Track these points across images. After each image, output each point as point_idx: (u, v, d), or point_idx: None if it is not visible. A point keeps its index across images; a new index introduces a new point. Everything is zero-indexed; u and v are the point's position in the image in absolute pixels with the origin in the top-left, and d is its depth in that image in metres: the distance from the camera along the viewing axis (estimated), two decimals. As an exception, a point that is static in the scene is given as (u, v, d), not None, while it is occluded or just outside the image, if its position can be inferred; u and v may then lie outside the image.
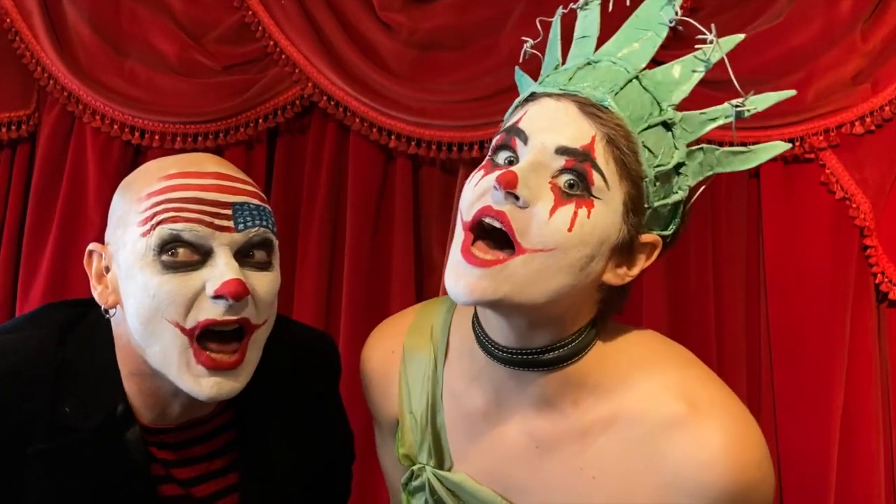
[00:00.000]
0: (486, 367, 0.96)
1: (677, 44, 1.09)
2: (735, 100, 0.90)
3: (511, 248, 0.85)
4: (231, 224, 0.94)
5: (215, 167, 0.97)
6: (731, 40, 0.91)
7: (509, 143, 0.89)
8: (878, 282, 1.91)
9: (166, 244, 0.91)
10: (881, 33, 1.87)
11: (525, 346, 0.91)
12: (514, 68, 1.03)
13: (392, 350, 1.08)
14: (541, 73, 0.98)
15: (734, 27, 0.90)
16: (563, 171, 0.85)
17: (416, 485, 1.04)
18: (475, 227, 0.87)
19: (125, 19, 2.02)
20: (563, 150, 0.85)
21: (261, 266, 0.97)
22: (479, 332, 0.96)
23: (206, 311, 0.92)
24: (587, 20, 0.98)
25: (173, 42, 2.00)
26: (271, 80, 2.00)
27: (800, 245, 1.92)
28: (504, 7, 1.96)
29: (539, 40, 1.01)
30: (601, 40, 0.95)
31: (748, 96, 0.89)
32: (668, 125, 0.88)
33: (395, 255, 2.00)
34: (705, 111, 0.90)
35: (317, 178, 2.02)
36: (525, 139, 0.87)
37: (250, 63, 2.03)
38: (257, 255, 0.97)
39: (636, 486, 0.90)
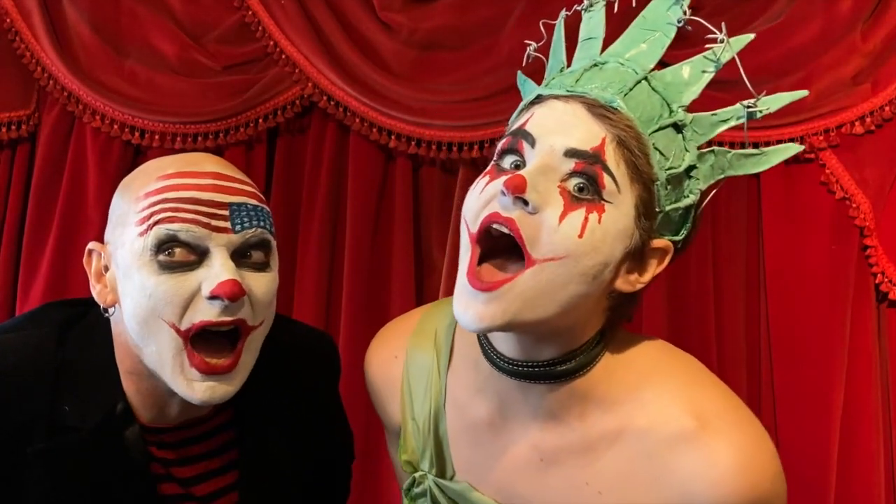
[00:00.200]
0: (491, 377, 0.94)
1: (681, 44, 1.08)
2: (747, 101, 0.87)
3: (520, 259, 0.82)
4: (228, 225, 0.93)
5: (213, 167, 0.96)
6: (741, 40, 0.88)
7: (516, 147, 0.86)
8: (878, 282, 1.91)
9: (163, 244, 0.91)
10: (881, 33, 1.87)
11: (532, 358, 0.89)
12: (517, 72, 1.00)
13: (395, 354, 1.06)
14: (545, 76, 0.96)
15: (734, 27, 0.88)
16: (572, 174, 0.82)
17: (417, 492, 1.03)
18: (482, 237, 0.84)
19: (125, 19, 2.02)
20: (572, 153, 0.82)
21: (258, 267, 0.96)
22: (484, 344, 0.93)
23: (202, 312, 0.91)
24: (592, 22, 0.95)
25: (173, 42, 2.00)
26: (271, 80, 2.00)
27: (800, 245, 1.91)
28: (504, 7, 1.96)
29: (542, 43, 0.98)
30: (606, 43, 0.93)
31: (760, 97, 0.86)
32: (678, 127, 0.86)
33: (395, 255, 2.00)
34: (716, 112, 0.87)
35: (317, 178, 2.02)
36: (532, 142, 0.84)
37: (250, 63, 2.03)
38: (255, 256, 0.96)
39: (642, 502, 0.87)
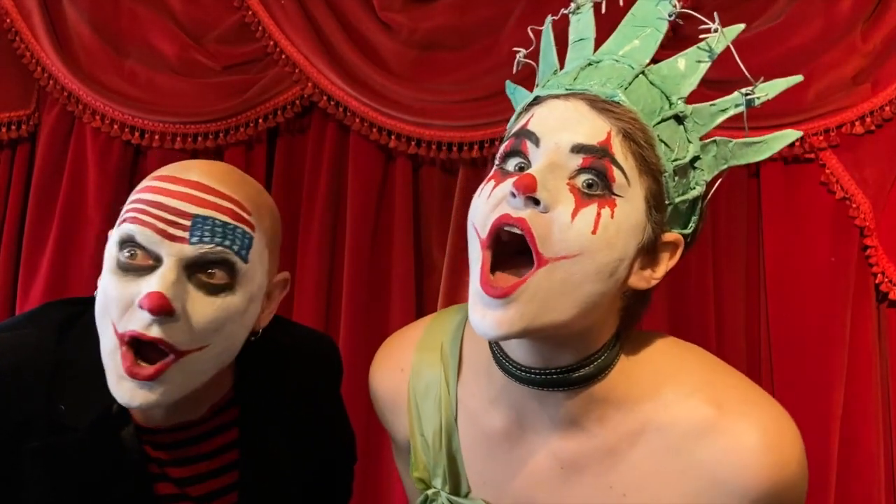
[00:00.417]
0: (506, 386, 0.91)
1: (676, 43, 1.08)
2: (744, 88, 0.87)
3: (531, 263, 0.79)
4: (185, 235, 0.89)
5: (197, 176, 0.92)
6: (733, 30, 0.89)
7: (519, 148, 0.84)
8: (878, 282, 1.91)
9: (123, 243, 0.90)
10: (881, 33, 1.87)
11: (549, 365, 0.86)
12: (506, 81, 0.99)
13: (401, 368, 1.02)
14: (537, 80, 0.95)
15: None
16: (580, 170, 0.80)
17: None
18: (494, 241, 0.82)
19: (125, 19, 2.02)
20: (579, 148, 0.80)
21: (216, 289, 0.91)
22: (497, 352, 0.90)
23: (135, 321, 0.88)
24: (581, 23, 0.95)
25: (173, 42, 2.00)
26: (271, 80, 2.00)
27: (800, 245, 1.91)
28: (504, 7, 1.96)
29: (531, 49, 0.97)
30: (595, 44, 0.93)
31: (758, 83, 0.87)
32: (679, 118, 0.86)
33: (395, 255, 2.00)
34: (715, 102, 0.88)
35: (317, 178, 2.02)
36: (537, 141, 0.83)
37: (250, 63, 2.03)
38: (217, 276, 0.91)
39: (670, 497, 0.86)
